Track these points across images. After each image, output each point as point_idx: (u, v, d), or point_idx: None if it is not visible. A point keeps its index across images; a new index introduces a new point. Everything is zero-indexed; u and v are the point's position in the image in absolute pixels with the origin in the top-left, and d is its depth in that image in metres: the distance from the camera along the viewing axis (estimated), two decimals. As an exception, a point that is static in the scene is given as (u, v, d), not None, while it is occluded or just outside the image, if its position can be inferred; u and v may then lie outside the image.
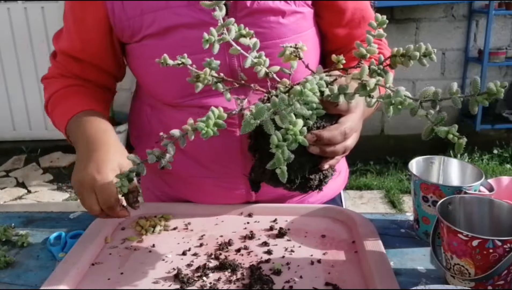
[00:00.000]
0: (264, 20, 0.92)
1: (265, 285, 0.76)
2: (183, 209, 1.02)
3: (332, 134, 0.74)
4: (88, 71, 1.03)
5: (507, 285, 0.73)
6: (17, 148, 4.28)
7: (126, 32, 0.95)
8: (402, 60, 0.70)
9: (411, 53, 0.69)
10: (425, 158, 0.96)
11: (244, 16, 0.91)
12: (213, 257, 0.85)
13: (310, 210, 0.99)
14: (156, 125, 1.02)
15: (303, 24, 0.96)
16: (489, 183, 0.89)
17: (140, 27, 0.93)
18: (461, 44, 3.90)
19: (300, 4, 0.94)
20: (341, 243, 0.88)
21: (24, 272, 0.86)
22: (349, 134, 0.76)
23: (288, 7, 0.93)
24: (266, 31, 0.92)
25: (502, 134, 4.04)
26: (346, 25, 1.01)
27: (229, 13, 0.91)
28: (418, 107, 0.66)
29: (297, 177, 0.76)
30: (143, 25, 0.93)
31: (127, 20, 0.93)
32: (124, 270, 0.82)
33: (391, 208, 3.21)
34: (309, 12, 0.97)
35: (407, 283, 0.78)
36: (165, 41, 0.92)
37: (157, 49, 0.93)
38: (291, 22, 0.94)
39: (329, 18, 1.00)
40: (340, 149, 0.76)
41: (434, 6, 3.78)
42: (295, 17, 0.94)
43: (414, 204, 0.92)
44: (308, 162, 0.75)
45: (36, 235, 0.98)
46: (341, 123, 0.76)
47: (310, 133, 0.73)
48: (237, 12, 0.91)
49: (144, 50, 0.95)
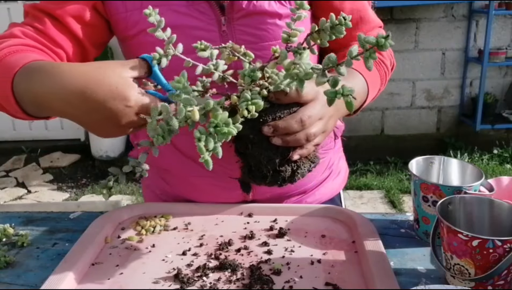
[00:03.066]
0: (261, 21, 0.92)
1: (265, 285, 0.76)
2: (183, 209, 1.02)
3: (287, 123, 0.74)
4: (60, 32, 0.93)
5: (507, 285, 0.73)
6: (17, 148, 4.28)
7: (121, 24, 0.94)
8: (319, 36, 0.73)
9: (324, 26, 0.72)
10: (425, 158, 0.96)
11: (241, 17, 0.92)
12: (213, 257, 0.85)
13: (310, 210, 0.99)
14: None
15: (299, 26, 0.96)
16: (489, 183, 0.89)
17: (137, 21, 0.93)
18: (461, 44, 3.90)
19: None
20: (341, 243, 0.88)
21: (24, 272, 0.86)
22: (307, 121, 0.75)
23: (285, 9, 0.93)
24: (263, 33, 0.92)
25: (502, 134, 4.05)
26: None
27: (226, 14, 0.92)
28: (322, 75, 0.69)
29: (268, 171, 0.77)
30: (140, 19, 0.92)
31: (125, 12, 0.93)
32: (124, 270, 0.82)
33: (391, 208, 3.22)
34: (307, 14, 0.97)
35: (407, 283, 0.78)
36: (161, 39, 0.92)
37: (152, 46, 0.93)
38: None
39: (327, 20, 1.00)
40: (302, 137, 0.76)
41: (434, 6, 3.78)
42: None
43: (414, 204, 0.92)
44: (276, 155, 0.76)
45: (36, 235, 0.98)
46: (297, 112, 0.76)
47: (266, 126, 0.74)
48: (233, 13, 0.91)
49: (139, 47, 0.95)
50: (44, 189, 3.73)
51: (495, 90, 4.04)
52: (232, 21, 0.92)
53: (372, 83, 0.96)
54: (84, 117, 0.72)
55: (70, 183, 3.84)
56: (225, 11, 0.92)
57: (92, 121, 0.72)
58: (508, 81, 4.05)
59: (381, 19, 1.07)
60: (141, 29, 0.93)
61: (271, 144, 0.76)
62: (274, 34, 0.93)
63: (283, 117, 0.75)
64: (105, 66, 0.72)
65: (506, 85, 4.05)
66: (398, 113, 4.05)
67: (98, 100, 0.69)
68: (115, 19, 0.95)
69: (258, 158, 0.77)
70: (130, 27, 0.94)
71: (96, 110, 0.69)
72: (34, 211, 1.10)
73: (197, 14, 0.91)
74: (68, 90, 0.69)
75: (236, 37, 0.92)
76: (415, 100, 4.03)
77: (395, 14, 3.80)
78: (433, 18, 3.84)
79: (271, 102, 0.76)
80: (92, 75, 0.70)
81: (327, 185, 1.13)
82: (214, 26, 0.92)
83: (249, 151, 0.77)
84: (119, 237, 0.93)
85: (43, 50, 0.90)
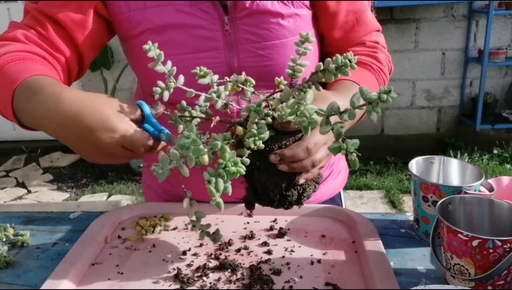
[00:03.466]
0: (264, 21, 0.92)
1: (265, 285, 0.76)
2: (183, 209, 1.01)
3: (293, 151, 0.74)
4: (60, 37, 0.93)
5: (507, 285, 0.73)
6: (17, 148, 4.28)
7: (124, 24, 0.94)
8: (324, 75, 0.73)
9: (329, 67, 0.72)
10: (425, 158, 0.96)
11: (244, 17, 0.92)
12: (213, 257, 0.85)
13: (310, 210, 0.99)
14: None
15: (302, 26, 0.96)
16: (489, 183, 0.89)
17: (141, 20, 0.92)
18: (461, 44, 3.90)
19: (299, 6, 0.95)
20: (341, 243, 0.88)
21: (24, 272, 0.86)
22: (313, 148, 0.75)
23: (287, 9, 0.93)
24: (266, 32, 0.93)
25: (502, 134, 4.05)
26: (340, 28, 1.01)
27: (229, 13, 0.92)
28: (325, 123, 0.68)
29: (275, 196, 0.77)
30: (144, 19, 0.92)
31: (128, 11, 0.93)
32: (124, 270, 0.82)
33: (391, 208, 3.22)
34: (308, 13, 0.97)
35: (407, 283, 0.78)
36: (163, 37, 0.92)
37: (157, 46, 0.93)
38: (290, 24, 0.94)
39: (323, 21, 1.01)
40: (308, 163, 0.76)
41: (434, 6, 3.78)
42: (294, 19, 0.94)
43: (414, 204, 0.92)
44: (282, 180, 0.77)
45: (36, 235, 0.98)
46: (303, 140, 0.75)
47: (273, 154, 0.74)
48: (236, 12, 0.92)
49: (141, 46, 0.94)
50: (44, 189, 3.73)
51: (495, 90, 4.05)
52: (235, 20, 0.92)
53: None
54: (75, 141, 0.75)
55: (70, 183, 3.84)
56: (228, 10, 0.92)
57: (81, 146, 0.76)
58: (508, 81, 4.05)
59: (381, 19, 1.08)
60: (145, 28, 0.93)
61: (277, 170, 0.75)
62: (277, 33, 0.93)
63: (289, 144, 0.75)
64: (103, 98, 0.75)
65: (506, 85, 4.06)
66: (398, 113, 4.05)
67: (88, 127, 0.72)
68: (118, 19, 0.95)
69: (265, 183, 0.76)
70: (133, 27, 0.94)
71: (85, 136, 0.73)
72: (34, 211, 1.09)
73: (200, 13, 0.91)
74: (64, 114, 0.73)
75: (239, 36, 0.93)
76: (415, 100, 4.03)
77: (395, 14, 3.80)
78: (433, 18, 3.84)
79: (276, 129, 0.75)
80: (88, 103, 0.74)
81: (328, 185, 1.13)
82: (217, 26, 0.92)
83: (255, 177, 0.77)
84: (119, 237, 0.93)
85: (44, 58, 0.90)
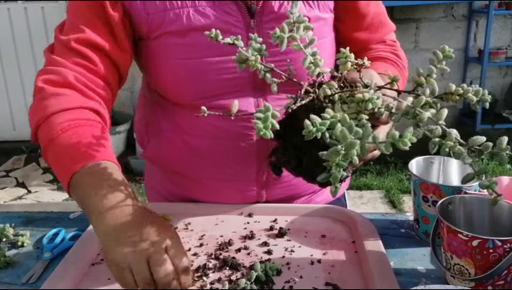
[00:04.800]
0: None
1: (265, 285, 0.76)
2: (184, 209, 1.02)
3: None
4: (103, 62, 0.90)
5: (507, 285, 0.73)
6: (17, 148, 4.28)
7: (143, 27, 0.91)
8: (457, 99, 0.70)
9: (467, 95, 0.68)
10: (425, 158, 0.96)
11: (270, 21, 0.90)
12: (213, 257, 0.85)
13: (310, 210, 0.99)
14: (166, 126, 1.01)
15: (325, 30, 0.97)
16: (489, 183, 0.89)
17: (161, 23, 0.89)
18: (461, 44, 3.90)
19: (324, 10, 0.95)
20: (341, 243, 0.88)
21: (24, 272, 0.86)
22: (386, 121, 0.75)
23: (313, 12, 0.93)
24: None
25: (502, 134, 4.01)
26: (366, 29, 1.03)
27: (256, 16, 0.90)
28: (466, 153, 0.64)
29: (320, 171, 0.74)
30: (164, 21, 0.89)
31: (147, 15, 0.89)
32: (124, 270, 0.82)
33: (391, 208, 3.21)
34: (331, 17, 0.98)
35: (407, 283, 0.78)
36: (186, 40, 0.89)
37: (176, 48, 0.90)
38: (315, 28, 0.92)
39: (350, 22, 1.01)
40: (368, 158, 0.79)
41: (434, 6, 3.78)
42: (318, 23, 0.94)
43: (414, 204, 0.92)
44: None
45: (36, 235, 0.98)
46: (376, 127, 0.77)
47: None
48: (263, 16, 0.90)
49: (162, 49, 0.92)
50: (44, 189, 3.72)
51: (495, 90, 4.04)
52: (261, 24, 0.90)
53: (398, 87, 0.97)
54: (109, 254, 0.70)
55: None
56: (254, 13, 0.90)
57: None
58: (508, 81, 4.05)
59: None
60: (165, 31, 0.90)
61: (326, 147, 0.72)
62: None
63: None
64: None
65: (506, 85, 4.06)
66: (398, 113, 4.05)
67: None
68: (138, 22, 0.91)
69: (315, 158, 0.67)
70: (153, 30, 0.90)
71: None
72: (34, 211, 1.09)
73: (224, 15, 0.89)
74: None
75: (264, 41, 0.90)
76: (415, 100, 4.03)
77: (395, 14, 3.80)
78: (433, 18, 3.84)
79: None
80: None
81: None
82: (242, 30, 0.89)
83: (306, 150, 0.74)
84: (119, 237, 0.93)
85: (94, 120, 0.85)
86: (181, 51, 0.90)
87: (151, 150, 1.05)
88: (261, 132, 0.59)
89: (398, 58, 1.05)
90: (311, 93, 0.70)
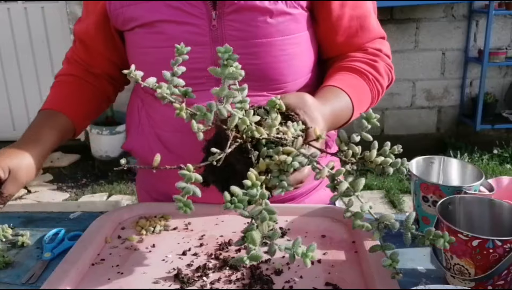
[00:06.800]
0: (251, 18, 0.91)
1: (265, 285, 0.76)
2: (183, 209, 1.01)
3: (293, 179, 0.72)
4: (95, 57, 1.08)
5: (507, 285, 0.73)
6: (17, 148, 4.27)
7: (119, 19, 0.98)
8: (375, 168, 0.72)
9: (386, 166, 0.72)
10: (425, 158, 0.96)
11: (231, 13, 0.91)
12: (213, 257, 0.85)
13: (310, 210, 0.99)
14: (144, 119, 1.05)
15: (292, 26, 0.94)
16: (489, 183, 0.89)
17: (132, 14, 0.95)
18: (461, 44, 3.90)
19: (292, 5, 0.93)
20: (341, 243, 0.88)
21: (24, 272, 0.86)
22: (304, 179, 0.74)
23: (276, 6, 0.91)
24: (253, 29, 0.91)
25: (502, 134, 4.05)
26: (343, 32, 0.99)
27: (217, 8, 0.91)
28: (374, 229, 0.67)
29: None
30: (135, 13, 0.95)
31: (121, 7, 0.96)
32: (124, 270, 0.82)
33: (391, 208, 3.21)
34: (301, 14, 0.95)
35: (407, 283, 0.78)
36: (154, 30, 0.94)
37: (145, 38, 0.96)
38: (279, 23, 0.92)
39: (326, 25, 0.98)
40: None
41: (434, 6, 3.78)
42: (284, 18, 0.92)
43: (414, 204, 0.92)
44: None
45: (36, 235, 0.98)
46: (300, 171, 0.72)
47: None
48: (224, 8, 0.91)
49: (135, 39, 0.98)
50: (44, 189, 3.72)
51: (495, 90, 4.04)
52: (222, 16, 0.91)
53: (360, 101, 0.95)
54: None
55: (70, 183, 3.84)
56: (216, 6, 0.91)
57: None
58: (508, 81, 4.05)
59: (381, 19, 1.05)
60: (137, 24, 0.95)
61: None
62: (264, 31, 0.91)
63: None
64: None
65: (506, 85, 4.05)
66: (398, 113, 4.05)
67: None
68: (114, 15, 0.98)
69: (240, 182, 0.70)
70: (127, 22, 0.97)
71: None
72: (34, 211, 1.10)
73: (189, 7, 0.92)
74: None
75: (225, 32, 0.92)
76: (415, 100, 4.03)
77: (395, 14, 3.80)
78: (433, 18, 3.84)
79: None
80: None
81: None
82: (205, 21, 0.92)
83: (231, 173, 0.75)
84: (119, 237, 0.93)
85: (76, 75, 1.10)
86: (149, 40, 0.96)
87: (130, 142, 1.09)
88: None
89: (374, 70, 0.99)
90: (239, 139, 0.71)
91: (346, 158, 0.71)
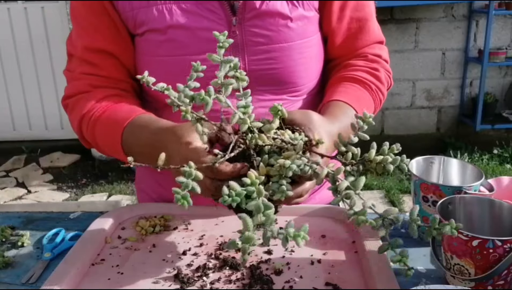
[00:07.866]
0: (272, 22, 0.91)
1: (265, 285, 0.76)
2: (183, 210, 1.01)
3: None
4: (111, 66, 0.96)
5: (507, 285, 0.73)
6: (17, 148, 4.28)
7: (130, 22, 0.93)
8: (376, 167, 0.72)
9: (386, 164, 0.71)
10: (425, 158, 0.96)
11: (252, 18, 0.91)
12: (213, 257, 0.85)
13: (310, 210, 0.99)
14: None
15: (309, 29, 0.95)
16: (489, 183, 0.89)
17: (144, 19, 0.91)
18: (461, 44, 3.90)
19: (308, 8, 0.94)
20: (341, 243, 0.88)
21: (24, 272, 0.86)
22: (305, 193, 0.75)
23: (296, 11, 0.92)
24: (273, 34, 0.91)
25: (502, 134, 4.05)
26: (343, 34, 1.00)
27: (238, 14, 0.91)
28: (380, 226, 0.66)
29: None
30: (147, 17, 0.91)
31: (131, 10, 0.92)
32: (124, 270, 0.82)
33: (391, 208, 3.22)
34: (315, 16, 0.96)
35: (407, 283, 0.78)
36: (167, 37, 0.90)
37: (157, 46, 0.92)
38: (298, 27, 0.93)
39: (327, 25, 0.99)
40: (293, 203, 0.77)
41: (434, 6, 3.78)
42: (302, 22, 0.93)
43: (414, 204, 0.92)
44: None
45: (36, 235, 0.98)
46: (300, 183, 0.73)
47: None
48: (245, 13, 0.91)
49: (145, 45, 0.94)
50: (44, 189, 3.73)
51: (495, 90, 4.05)
52: (243, 21, 0.91)
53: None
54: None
55: (70, 183, 3.84)
56: (236, 11, 0.91)
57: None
58: (508, 81, 4.05)
59: (381, 19, 1.06)
60: (148, 28, 0.91)
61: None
62: (285, 36, 0.92)
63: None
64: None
65: (506, 85, 4.06)
66: (398, 113, 4.05)
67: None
68: (124, 18, 0.93)
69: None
70: (138, 26, 0.93)
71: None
72: (34, 211, 1.09)
73: (207, 13, 0.90)
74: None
75: (246, 38, 0.91)
76: (415, 100, 4.03)
77: (395, 14, 3.80)
78: (433, 18, 3.84)
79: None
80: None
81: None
82: (224, 27, 0.90)
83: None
84: (119, 237, 0.93)
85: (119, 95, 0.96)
86: (162, 48, 0.91)
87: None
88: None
89: (376, 79, 0.99)
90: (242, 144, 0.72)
91: (346, 161, 0.71)
